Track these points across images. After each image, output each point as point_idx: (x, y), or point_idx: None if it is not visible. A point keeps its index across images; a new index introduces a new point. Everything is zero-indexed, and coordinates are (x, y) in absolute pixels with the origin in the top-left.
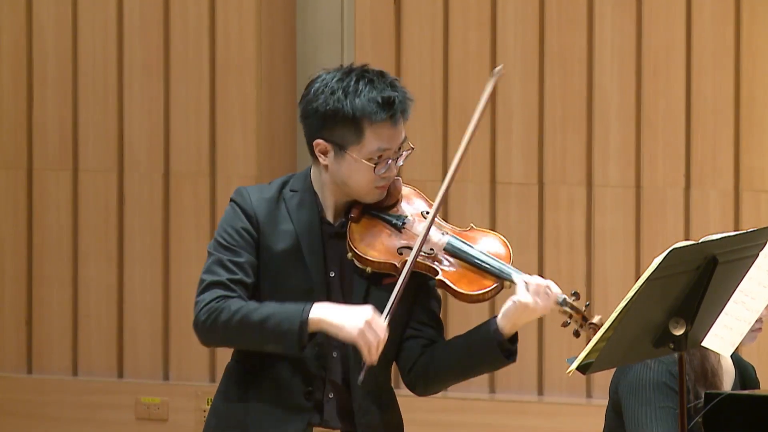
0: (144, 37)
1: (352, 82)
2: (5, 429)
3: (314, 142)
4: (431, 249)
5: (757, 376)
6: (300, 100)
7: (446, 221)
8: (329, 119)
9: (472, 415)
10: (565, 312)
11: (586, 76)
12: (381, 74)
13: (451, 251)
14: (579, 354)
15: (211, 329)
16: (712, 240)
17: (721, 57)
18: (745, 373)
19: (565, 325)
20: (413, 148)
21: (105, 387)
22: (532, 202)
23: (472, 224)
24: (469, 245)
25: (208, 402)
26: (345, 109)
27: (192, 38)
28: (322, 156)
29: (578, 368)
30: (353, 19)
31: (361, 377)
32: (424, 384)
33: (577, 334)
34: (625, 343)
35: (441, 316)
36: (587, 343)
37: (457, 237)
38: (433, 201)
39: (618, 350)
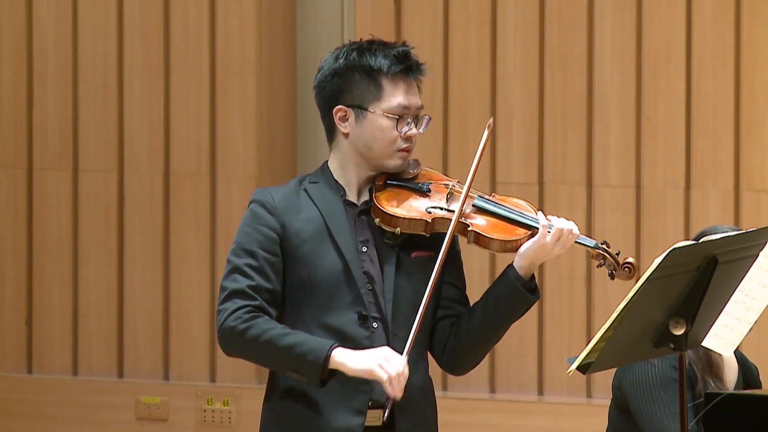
0: (144, 37)
1: (365, 44)
2: (5, 429)
3: (334, 110)
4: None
5: (760, 378)
6: (314, 81)
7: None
8: (347, 79)
9: (472, 415)
10: (598, 255)
11: (586, 76)
12: (392, 42)
13: (480, 207)
14: (579, 354)
15: (236, 341)
16: (712, 240)
17: (721, 57)
18: (748, 372)
19: (599, 266)
20: (431, 118)
21: (105, 387)
22: (532, 202)
23: (494, 193)
24: (495, 203)
25: (208, 402)
26: (362, 64)
27: (192, 38)
28: (342, 124)
29: (578, 368)
30: (353, 19)
31: (385, 414)
32: (460, 360)
33: (612, 276)
34: (626, 343)
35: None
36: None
37: (483, 198)
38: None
39: (618, 350)
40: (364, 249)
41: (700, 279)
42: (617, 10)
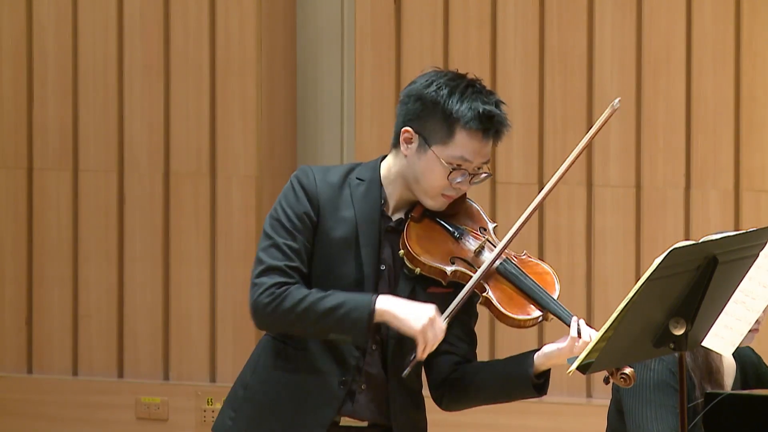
0: (144, 37)
1: (462, 85)
2: (5, 429)
3: (403, 129)
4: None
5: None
6: (404, 88)
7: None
8: (427, 109)
9: (472, 415)
10: None
11: (586, 76)
12: (491, 91)
13: (503, 273)
14: (579, 354)
15: (272, 314)
16: (712, 240)
17: (721, 57)
18: (745, 360)
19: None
20: (490, 174)
21: (105, 387)
22: (532, 202)
23: (526, 251)
24: (521, 271)
25: (208, 402)
26: (446, 105)
27: (192, 38)
28: (405, 144)
29: (578, 368)
30: (353, 19)
31: (406, 371)
32: (451, 400)
33: (606, 380)
34: (625, 343)
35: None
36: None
37: (511, 261)
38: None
39: (618, 350)
40: (383, 267)
41: (700, 279)
42: (617, 10)
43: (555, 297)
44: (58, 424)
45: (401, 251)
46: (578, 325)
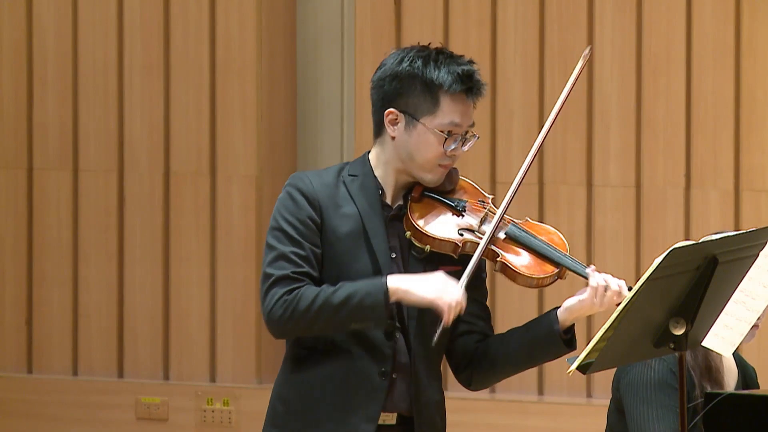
0: (144, 37)
1: (432, 54)
2: (5, 429)
3: (386, 111)
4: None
5: (758, 380)
6: (374, 73)
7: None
8: (406, 85)
9: (472, 415)
10: None
11: (586, 76)
12: (459, 55)
13: (513, 237)
14: (579, 354)
15: (290, 321)
16: (712, 240)
17: (721, 57)
18: (746, 374)
19: None
20: (478, 137)
21: (105, 387)
22: (532, 202)
23: (527, 217)
24: (529, 233)
25: (208, 402)
26: (424, 75)
27: (192, 38)
28: (391, 126)
29: (578, 368)
30: (353, 19)
31: (435, 337)
32: (480, 378)
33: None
34: (626, 343)
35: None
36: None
37: (517, 225)
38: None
39: (618, 350)
40: (393, 255)
41: (700, 279)
42: (617, 10)
43: (566, 253)
44: (58, 424)
45: (407, 232)
46: (596, 274)
